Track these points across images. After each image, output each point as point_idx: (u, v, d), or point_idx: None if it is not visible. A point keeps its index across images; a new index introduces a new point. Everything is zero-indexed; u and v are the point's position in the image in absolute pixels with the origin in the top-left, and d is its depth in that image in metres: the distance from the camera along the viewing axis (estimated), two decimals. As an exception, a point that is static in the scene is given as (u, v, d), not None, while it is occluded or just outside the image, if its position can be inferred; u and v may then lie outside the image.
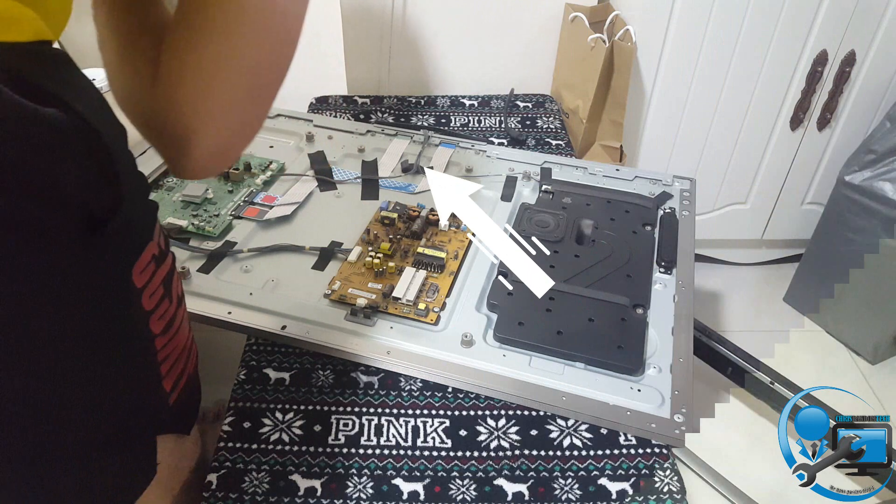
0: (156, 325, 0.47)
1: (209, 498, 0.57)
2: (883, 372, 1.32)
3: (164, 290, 0.47)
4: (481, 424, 0.63)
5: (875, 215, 1.23)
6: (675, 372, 0.64)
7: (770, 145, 1.35)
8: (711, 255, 1.52)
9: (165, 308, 0.48)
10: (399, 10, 1.15)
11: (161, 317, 0.47)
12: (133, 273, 0.43)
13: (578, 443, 0.62)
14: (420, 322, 0.68)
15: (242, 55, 0.38)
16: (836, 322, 1.39)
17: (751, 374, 1.01)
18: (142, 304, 0.45)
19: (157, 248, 0.46)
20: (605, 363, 0.64)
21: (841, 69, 1.26)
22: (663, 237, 0.80)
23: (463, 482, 0.59)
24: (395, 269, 0.74)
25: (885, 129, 1.22)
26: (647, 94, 1.25)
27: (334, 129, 1.00)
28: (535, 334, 0.66)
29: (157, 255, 0.46)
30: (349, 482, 0.58)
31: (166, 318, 0.48)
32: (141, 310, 0.45)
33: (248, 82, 0.39)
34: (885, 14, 1.20)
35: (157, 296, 0.46)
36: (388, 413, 0.64)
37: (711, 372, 1.06)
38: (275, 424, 0.63)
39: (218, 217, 0.81)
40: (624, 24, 1.13)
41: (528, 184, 0.90)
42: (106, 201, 0.39)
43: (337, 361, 0.68)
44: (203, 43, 0.37)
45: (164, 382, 0.50)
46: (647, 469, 0.60)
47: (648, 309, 0.71)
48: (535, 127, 1.11)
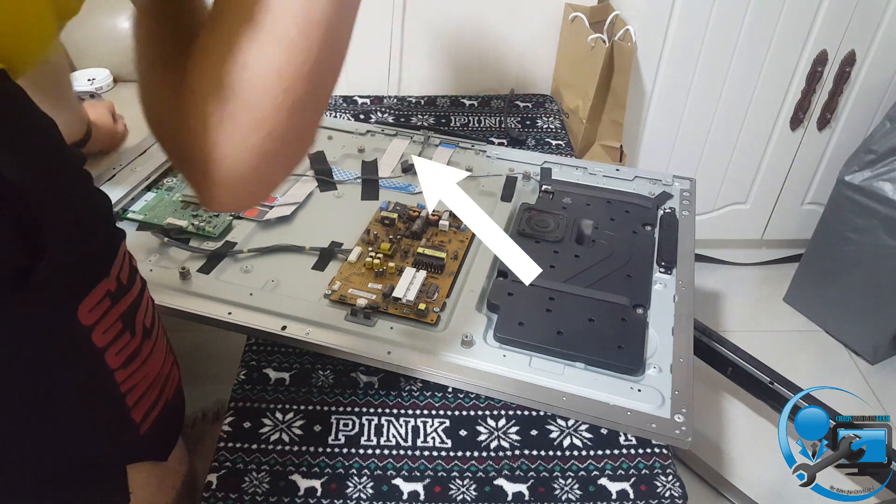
0: (113, 359, 0.46)
1: (209, 498, 0.57)
2: (883, 372, 1.32)
3: (123, 325, 0.46)
4: (481, 424, 0.63)
5: (875, 215, 1.23)
6: (676, 372, 0.64)
7: (770, 145, 1.35)
8: (711, 255, 1.52)
9: (126, 342, 0.46)
10: (399, 11, 1.15)
11: (119, 351, 0.46)
12: (79, 312, 0.42)
13: (578, 443, 0.62)
14: (420, 322, 0.68)
15: (272, 64, 0.32)
16: (836, 322, 1.39)
17: (751, 374, 1.01)
18: (92, 341, 0.43)
19: (114, 283, 0.44)
20: (605, 363, 0.64)
21: (841, 69, 1.26)
22: (663, 237, 0.80)
23: (463, 482, 0.59)
24: (395, 269, 0.74)
25: (885, 129, 1.22)
26: (647, 94, 1.25)
27: (334, 129, 1.00)
28: (535, 334, 0.66)
29: (113, 291, 0.44)
30: (349, 482, 0.58)
31: (127, 352, 0.47)
32: (91, 346, 0.44)
33: (279, 99, 0.33)
34: (885, 14, 1.20)
35: (112, 331, 0.45)
36: (388, 413, 0.64)
37: (711, 372, 1.06)
38: (275, 424, 0.63)
39: (218, 217, 0.81)
40: (624, 24, 1.13)
41: (528, 184, 0.90)
42: (24, 254, 0.36)
43: (337, 361, 0.68)
44: (229, 50, 0.32)
45: (133, 413, 0.49)
46: (647, 469, 0.60)
47: (648, 309, 0.71)
48: (535, 127, 1.11)
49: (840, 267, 1.33)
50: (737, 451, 1.14)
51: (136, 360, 0.48)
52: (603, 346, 0.66)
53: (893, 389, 1.28)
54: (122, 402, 0.48)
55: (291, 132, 0.34)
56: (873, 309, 1.29)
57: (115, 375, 0.47)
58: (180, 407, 0.58)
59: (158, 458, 0.56)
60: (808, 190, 1.43)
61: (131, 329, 0.47)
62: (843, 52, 1.24)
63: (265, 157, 0.34)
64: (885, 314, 1.28)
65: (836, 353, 1.37)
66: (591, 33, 1.12)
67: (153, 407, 0.52)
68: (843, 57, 1.24)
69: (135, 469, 0.51)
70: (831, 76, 1.27)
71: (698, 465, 1.11)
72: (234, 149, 0.33)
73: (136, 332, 0.48)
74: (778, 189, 1.42)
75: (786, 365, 1.04)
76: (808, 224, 1.41)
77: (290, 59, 0.32)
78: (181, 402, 0.58)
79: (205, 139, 0.33)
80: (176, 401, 0.57)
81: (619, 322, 0.68)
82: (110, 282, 0.44)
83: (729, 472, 1.10)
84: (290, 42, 0.32)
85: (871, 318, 1.30)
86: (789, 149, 1.36)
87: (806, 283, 1.43)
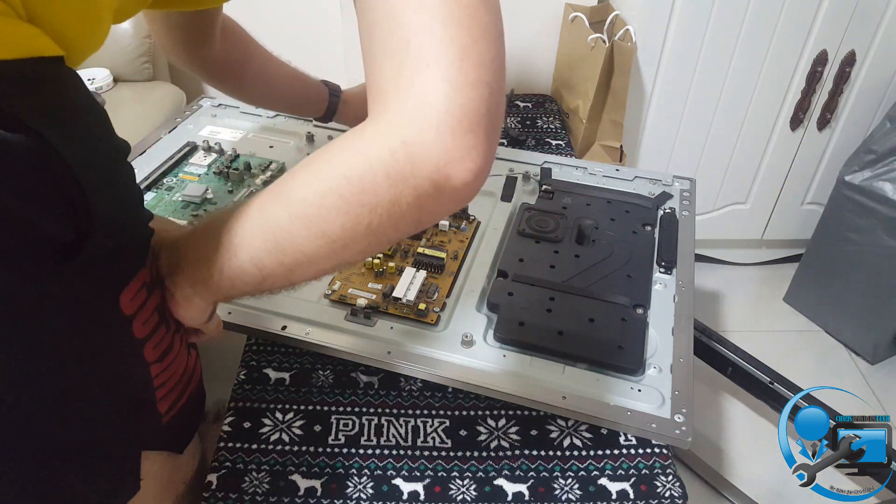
0: (151, 353, 0.46)
1: (209, 498, 0.57)
2: (882, 372, 1.32)
3: (160, 317, 0.47)
4: (481, 424, 0.63)
5: (875, 215, 1.23)
6: (676, 372, 0.64)
7: (770, 145, 1.35)
8: (711, 255, 1.52)
9: (161, 335, 0.47)
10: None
11: (157, 345, 0.47)
12: (121, 300, 0.42)
13: (578, 443, 0.62)
14: (420, 322, 0.68)
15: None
16: (835, 322, 1.39)
17: (751, 374, 1.01)
18: (132, 332, 0.44)
19: (148, 275, 0.45)
20: (605, 363, 0.64)
21: (841, 69, 1.26)
22: (663, 237, 0.80)
23: (463, 482, 0.59)
24: (395, 269, 0.74)
25: (886, 129, 1.22)
26: (647, 94, 1.25)
27: (334, 129, 1.00)
28: (535, 334, 0.66)
29: (148, 282, 0.45)
30: (349, 482, 0.58)
31: (163, 346, 0.48)
32: (132, 338, 0.44)
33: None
34: (885, 14, 1.20)
35: (151, 323, 0.46)
36: (388, 413, 0.64)
37: (711, 372, 1.06)
38: (275, 424, 0.63)
39: (218, 217, 0.81)
40: (624, 24, 1.13)
41: (528, 184, 0.90)
42: (72, 231, 0.38)
43: (337, 361, 0.68)
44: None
45: (160, 405, 0.50)
46: (647, 469, 0.60)
47: (648, 309, 0.71)
48: (535, 127, 1.11)
49: (840, 267, 1.33)
50: (737, 451, 1.14)
51: (169, 354, 0.49)
52: (603, 347, 0.65)
53: (893, 389, 1.28)
54: (153, 395, 0.49)
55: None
56: (873, 309, 1.29)
57: (150, 369, 0.47)
58: (201, 400, 0.59)
59: (175, 450, 0.56)
60: (808, 190, 1.43)
61: (166, 322, 0.48)
62: (843, 52, 1.24)
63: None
64: (885, 314, 1.28)
65: (836, 353, 1.37)
66: (591, 33, 1.12)
67: (178, 400, 0.52)
68: (843, 57, 1.24)
69: (149, 459, 0.51)
70: (831, 76, 1.27)
71: (698, 465, 1.11)
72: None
73: (170, 325, 0.49)
74: (778, 189, 1.42)
75: (786, 365, 1.04)
76: (808, 224, 1.41)
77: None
78: (202, 396, 0.59)
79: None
80: (198, 393, 0.57)
81: (619, 322, 0.68)
82: (145, 273, 0.45)
83: (729, 472, 1.10)
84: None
85: (871, 318, 1.30)
86: (789, 149, 1.36)
87: (806, 283, 1.43)
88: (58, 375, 0.41)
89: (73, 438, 0.44)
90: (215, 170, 0.90)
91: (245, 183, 0.88)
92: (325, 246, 0.39)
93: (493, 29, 0.36)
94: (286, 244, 0.40)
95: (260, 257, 0.42)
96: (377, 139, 0.36)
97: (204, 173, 0.89)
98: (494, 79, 0.36)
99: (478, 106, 0.35)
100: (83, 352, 0.42)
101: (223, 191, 0.86)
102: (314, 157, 0.39)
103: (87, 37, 0.40)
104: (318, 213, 0.38)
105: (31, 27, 0.35)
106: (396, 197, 0.36)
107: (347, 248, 0.39)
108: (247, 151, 0.94)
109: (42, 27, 0.36)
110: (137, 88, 1.39)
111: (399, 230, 0.39)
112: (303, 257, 0.40)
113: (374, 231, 0.38)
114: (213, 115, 1.03)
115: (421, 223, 0.39)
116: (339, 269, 0.43)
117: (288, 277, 0.43)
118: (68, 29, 0.38)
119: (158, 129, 1.00)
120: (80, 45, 0.40)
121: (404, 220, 0.38)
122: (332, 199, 0.37)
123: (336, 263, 0.42)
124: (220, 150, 0.94)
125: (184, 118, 1.02)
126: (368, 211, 0.37)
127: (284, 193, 0.41)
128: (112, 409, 0.46)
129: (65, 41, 0.38)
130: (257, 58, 0.81)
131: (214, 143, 0.94)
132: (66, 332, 0.40)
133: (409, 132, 0.35)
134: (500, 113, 0.37)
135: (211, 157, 0.92)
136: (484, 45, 0.35)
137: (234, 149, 0.93)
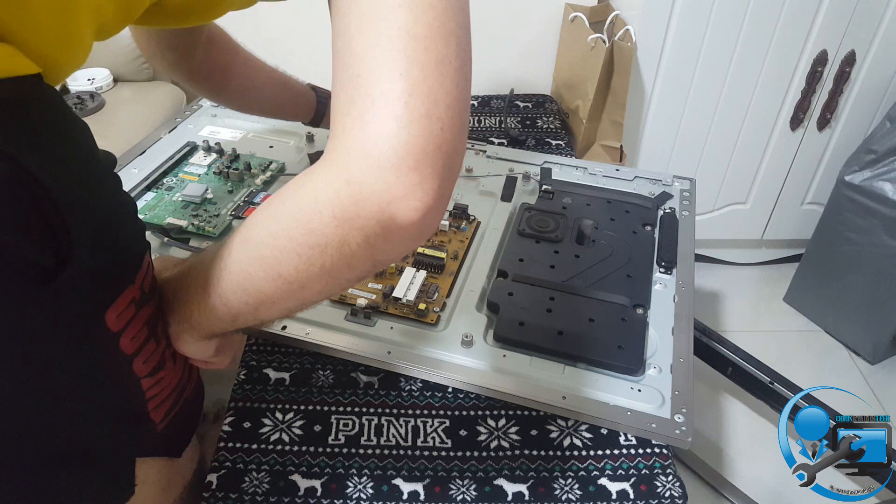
0: (141, 367, 0.46)
1: (209, 498, 0.57)
2: (882, 372, 1.32)
3: (149, 332, 0.46)
4: (481, 424, 0.63)
5: (875, 215, 1.23)
6: (676, 372, 0.64)
7: (770, 145, 1.35)
8: (711, 255, 1.52)
9: (151, 350, 0.47)
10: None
11: (147, 360, 0.46)
12: (107, 317, 0.42)
13: (578, 443, 0.62)
14: (420, 322, 0.68)
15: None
16: (835, 322, 1.39)
17: (751, 374, 1.01)
18: (120, 348, 0.44)
19: (138, 291, 0.45)
20: (605, 363, 0.64)
21: (841, 69, 1.26)
22: (663, 237, 0.80)
23: (463, 482, 0.59)
24: (395, 269, 0.74)
25: (885, 129, 1.22)
26: (647, 94, 1.25)
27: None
28: (535, 334, 0.66)
29: (137, 298, 0.44)
30: (349, 482, 0.58)
31: (153, 361, 0.47)
32: (120, 353, 0.44)
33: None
34: (885, 14, 1.20)
35: (139, 338, 0.45)
36: (388, 413, 0.64)
37: (711, 372, 1.06)
38: (275, 424, 0.63)
39: (218, 217, 0.81)
40: (624, 24, 1.13)
41: (528, 184, 0.90)
42: (52, 256, 0.37)
43: (337, 361, 0.68)
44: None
45: (153, 415, 0.50)
46: (647, 469, 0.60)
47: (648, 309, 0.71)
48: (535, 127, 1.11)
49: (840, 267, 1.33)
50: (737, 451, 1.14)
51: (161, 369, 0.49)
52: (603, 347, 0.65)
53: (893, 389, 1.28)
54: (144, 407, 0.49)
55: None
56: (873, 309, 1.29)
57: (141, 383, 0.47)
58: (198, 404, 0.58)
59: (172, 455, 0.56)
60: (808, 190, 1.43)
61: (155, 336, 0.47)
62: (843, 52, 1.24)
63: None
64: (885, 314, 1.28)
65: (836, 353, 1.37)
66: (591, 33, 1.12)
67: (172, 408, 0.52)
68: (843, 57, 1.24)
69: (146, 464, 0.51)
70: (831, 76, 1.27)
71: (698, 465, 1.11)
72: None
73: (160, 339, 0.48)
74: (778, 189, 1.42)
75: (786, 365, 1.04)
76: (808, 224, 1.41)
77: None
78: (200, 399, 0.59)
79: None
80: (195, 397, 0.57)
81: (619, 322, 0.68)
82: (135, 289, 0.44)
83: (729, 472, 1.10)
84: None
85: (871, 318, 1.30)
86: (789, 149, 1.36)
87: (806, 283, 1.43)
88: (46, 388, 0.41)
89: (65, 448, 0.44)
90: (215, 170, 0.90)
91: (245, 183, 0.88)
92: (283, 287, 0.39)
93: (453, 61, 0.35)
94: (248, 285, 0.41)
95: (227, 297, 0.43)
96: (324, 179, 0.35)
97: (204, 173, 0.89)
98: (447, 114, 0.34)
99: (424, 143, 0.33)
100: (71, 367, 0.41)
101: (223, 191, 0.86)
102: (273, 197, 0.40)
103: (67, 55, 0.39)
104: (272, 254, 0.38)
105: (6, 46, 0.34)
106: (344, 238, 0.36)
107: (305, 289, 0.39)
108: (247, 151, 0.94)
109: (17, 46, 0.35)
110: (137, 88, 1.39)
111: (354, 270, 0.38)
112: (265, 297, 0.41)
113: (328, 272, 0.38)
114: (213, 115, 1.03)
115: (377, 263, 0.38)
116: (306, 308, 0.43)
117: (256, 316, 0.44)
118: (45, 48, 0.37)
119: (158, 129, 1.00)
120: (59, 63, 0.38)
121: (357, 261, 0.37)
122: (284, 241, 0.38)
123: (298, 303, 0.42)
124: (220, 150, 0.93)
125: (184, 118, 1.02)
126: (319, 252, 0.37)
127: (245, 235, 0.41)
128: (103, 419, 0.46)
129: (42, 60, 0.36)
130: (241, 64, 0.80)
131: (214, 143, 0.94)
132: (52, 348, 0.40)
133: (352, 171, 0.34)
134: (454, 149, 0.35)
135: (211, 157, 0.92)
136: (436, 80, 0.34)
137: (233, 149, 0.93)
